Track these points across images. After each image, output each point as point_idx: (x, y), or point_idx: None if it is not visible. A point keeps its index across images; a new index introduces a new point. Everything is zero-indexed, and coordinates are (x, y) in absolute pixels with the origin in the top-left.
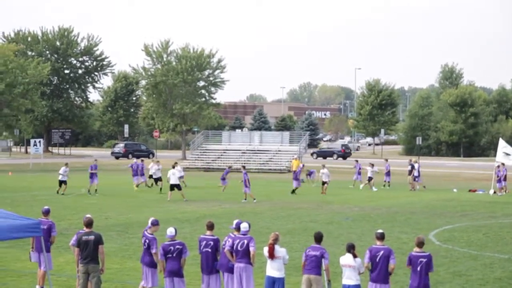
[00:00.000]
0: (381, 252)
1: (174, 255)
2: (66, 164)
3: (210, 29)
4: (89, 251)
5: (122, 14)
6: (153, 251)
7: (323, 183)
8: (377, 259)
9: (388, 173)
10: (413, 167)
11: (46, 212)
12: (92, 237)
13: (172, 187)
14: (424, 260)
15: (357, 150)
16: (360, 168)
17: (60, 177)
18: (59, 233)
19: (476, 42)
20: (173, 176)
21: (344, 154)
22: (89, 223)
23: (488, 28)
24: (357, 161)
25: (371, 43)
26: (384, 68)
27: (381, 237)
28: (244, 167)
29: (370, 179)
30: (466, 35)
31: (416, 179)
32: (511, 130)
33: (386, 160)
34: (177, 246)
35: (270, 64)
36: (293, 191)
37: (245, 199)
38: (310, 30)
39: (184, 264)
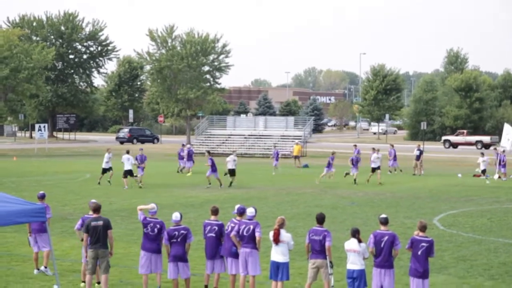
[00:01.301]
0: (386, 237)
1: (179, 240)
2: (108, 150)
3: (214, 14)
4: (99, 236)
5: None
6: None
7: (374, 169)
8: (382, 244)
9: (394, 158)
10: (421, 152)
11: (42, 197)
12: (101, 222)
13: (126, 173)
14: (426, 245)
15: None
16: (358, 152)
17: (103, 165)
18: (63, 218)
19: (481, 27)
20: (127, 162)
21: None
22: (96, 208)
23: (494, 13)
24: (355, 145)
25: (376, 28)
26: (389, 53)
27: (385, 222)
28: (209, 152)
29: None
30: (471, 20)
31: (393, 164)
32: None
33: (392, 145)
34: (182, 231)
35: (275, 49)
36: (355, 181)
37: (210, 184)
38: (315, 15)
39: (188, 249)
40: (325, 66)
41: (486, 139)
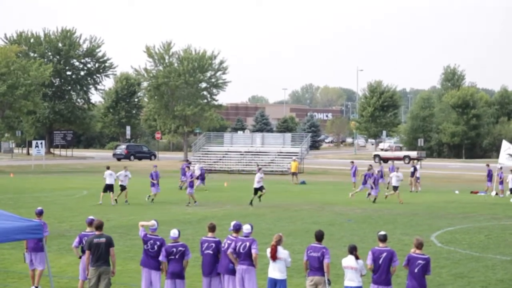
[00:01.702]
0: (384, 254)
1: (177, 256)
2: (125, 168)
3: (212, 30)
4: (101, 253)
5: (124, 16)
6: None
7: (394, 188)
8: (380, 261)
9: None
10: (415, 168)
11: (39, 213)
12: (103, 240)
13: (106, 188)
14: (422, 262)
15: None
16: (355, 170)
17: (120, 182)
18: (61, 235)
19: (478, 43)
20: (110, 177)
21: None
22: (99, 226)
23: (490, 29)
24: (352, 162)
25: (373, 45)
26: (386, 69)
27: (383, 238)
28: (188, 167)
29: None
30: (468, 37)
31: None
32: None
33: (393, 162)
34: (180, 248)
35: (272, 65)
36: (374, 200)
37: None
38: (312, 32)
39: (186, 266)
40: (322, 83)
41: (413, 154)
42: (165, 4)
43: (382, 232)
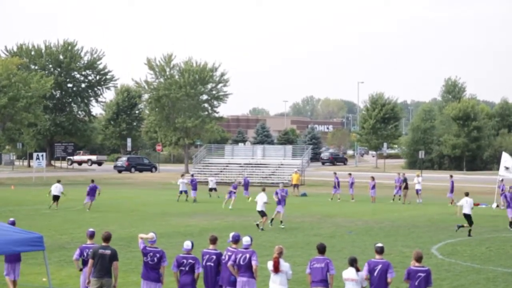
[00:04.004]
0: (379, 266)
1: (187, 268)
2: (182, 176)
3: (213, 43)
4: (104, 265)
5: (125, 28)
6: (165, 264)
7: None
8: (375, 273)
9: (400, 187)
10: (405, 180)
11: (12, 224)
12: (108, 252)
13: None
14: (423, 274)
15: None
16: (352, 182)
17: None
18: (61, 247)
19: (478, 56)
20: (55, 189)
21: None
22: (107, 238)
23: (491, 42)
24: (350, 174)
25: (374, 57)
26: (387, 82)
27: (380, 251)
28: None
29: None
30: (468, 49)
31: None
32: None
33: (399, 174)
34: (190, 260)
35: (273, 78)
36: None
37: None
38: (313, 44)
39: (197, 279)
40: (323, 95)
41: (94, 158)
42: (166, 18)
43: (379, 244)
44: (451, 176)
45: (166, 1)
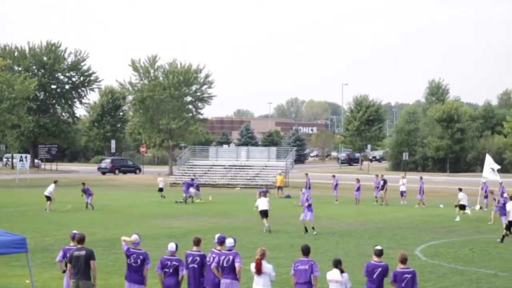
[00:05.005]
0: (379, 269)
1: (171, 270)
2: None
3: (198, 45)
4: (80, 266)
5: (109, 29)
6: (149, 266)
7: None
8: (374, 276)
9: (378, 188)
10: (385, 182)
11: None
12: (83, 253)
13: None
14: (409, 276)
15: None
16: (337, 184)
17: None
18: (44, 249)
19: (462, 58)
20: (48, 189)
21: None
22: (81, 239)
23: (475, 44)
24: (333, 176)
25: (358, 59)
26: (371, 84)
27: (379, 253)
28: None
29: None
30: (452, 51)
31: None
32: (497, 146)
33: (377, 175)
34: (174, 262)
35: (257, 79)
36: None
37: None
38: (297, 46)
39: (181, 282)
40: (307, 97)
41: None
42: (151, 19)
43: (378, 247)
44: (421, 178)
45: (149, 2)
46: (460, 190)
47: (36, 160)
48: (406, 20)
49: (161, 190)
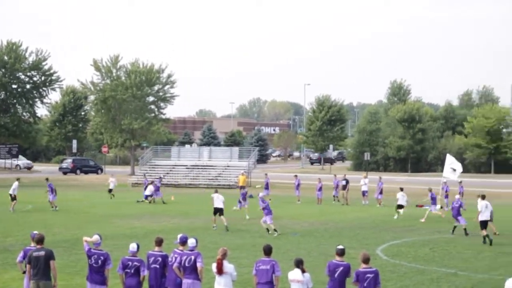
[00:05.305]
0: (340, 268)
1: (132, 271)
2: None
3: (160, 44)
4: (40, 267)
5: (71, 29)
6: (110, 266)
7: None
8: (335, 275)
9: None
10: (347, 182)
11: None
12: (42, 253)
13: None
14: (371, 275)
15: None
16: (299, 184)
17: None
18: (5, 250)
19: (424, 59)
20: (12, 187)
21: None
22: (40, 240)
23: (436, 45)
24: (296, 176)
25: (321, 59)
26: (334, 84)
27: (341, 253)
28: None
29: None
30: (414, 52)
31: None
32: (458, 146)
33: (335, 175)
34: (135, 263)
35: (220, 79)
36: None
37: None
38: (259, 46)
39: (142, 282)
40: (269, 97)
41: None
42: (113, 19)
43: (340, 246)
44: (380, 178)
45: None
46: (401, 189)
47: None
48: (368, 21)
49: (110, 191)
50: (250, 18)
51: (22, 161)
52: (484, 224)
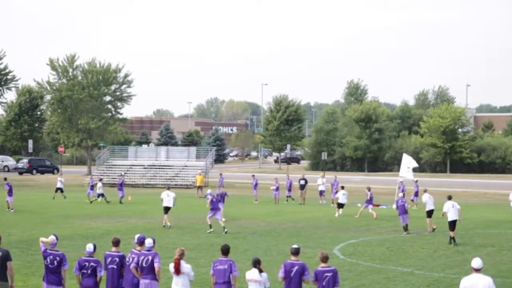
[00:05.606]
0: (296, 267)
1: (89, 271)
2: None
3: (117, 43)
4: None
5: (27, 28)
6: (66, 267)
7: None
8: (291, 274)
9: (289, 188)
10: (306, 182)
11: None
12: None
13: None
14: (330, 274)
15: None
16: (256, 183)
17: None
18: None
19: (380, 59)
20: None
21: None
22: None
23: (392, 45)
24: (253, 175)
25: (278, 59)
26: (291, 84)
27: (295, 252)
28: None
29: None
30: (370, 52)
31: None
32: (414, 146)
33: (288, 176)
34: (92, 263)
35: (177, 79)
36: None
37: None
38: (216, 46)
39: (99, 282)
40: (227, 97)
41: None
42: (69, 18)
43: (295, 246)
44: (335, 178)
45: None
46: (342, 188)
47: None
48: (326, 20)
49: (57, 190)
50: (206, 18)
51: None
52: (452, 225)
